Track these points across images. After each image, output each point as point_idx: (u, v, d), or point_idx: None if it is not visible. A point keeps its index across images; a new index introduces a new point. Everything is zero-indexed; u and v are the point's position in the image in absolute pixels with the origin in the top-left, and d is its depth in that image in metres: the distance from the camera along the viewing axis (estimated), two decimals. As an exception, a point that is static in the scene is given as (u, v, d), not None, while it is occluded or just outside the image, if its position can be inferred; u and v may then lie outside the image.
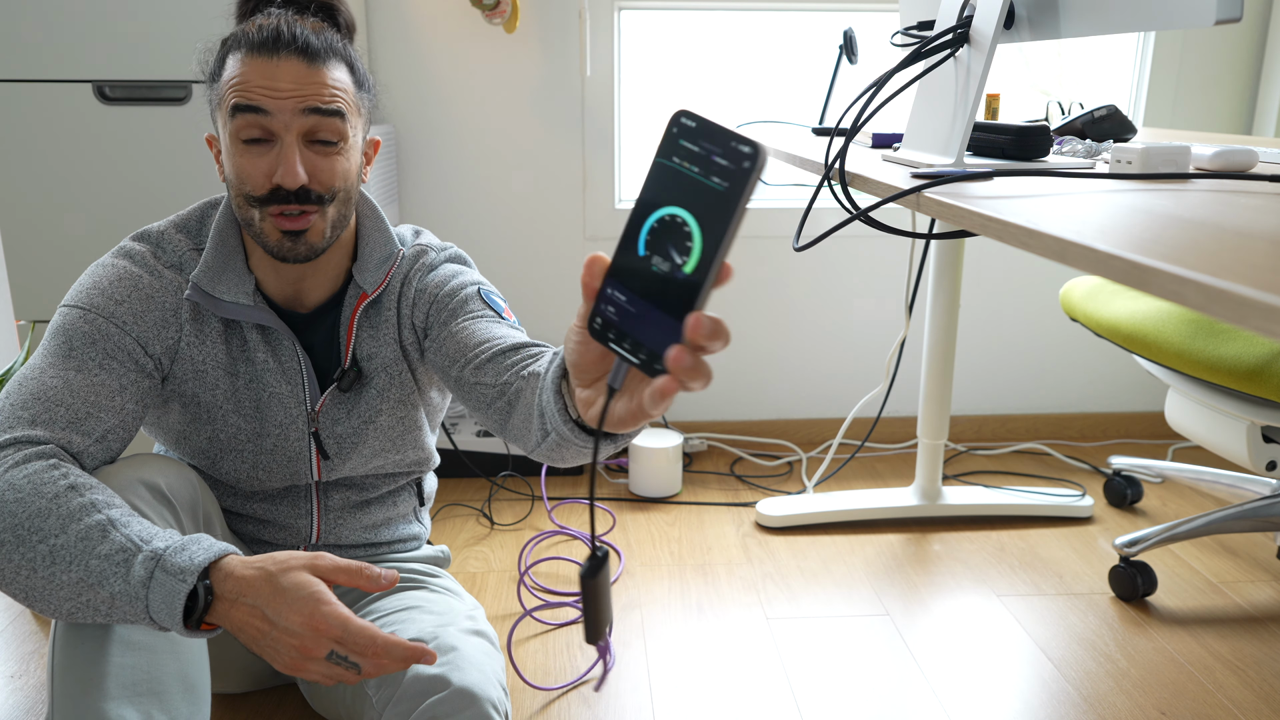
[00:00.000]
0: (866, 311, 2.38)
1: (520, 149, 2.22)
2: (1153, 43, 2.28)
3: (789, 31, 2.28)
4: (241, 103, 1.02)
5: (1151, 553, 1.88)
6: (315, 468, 1.22)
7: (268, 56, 1.03)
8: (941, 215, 0.90)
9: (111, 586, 0.88)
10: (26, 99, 1.76)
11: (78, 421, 0.99)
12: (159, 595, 0.87)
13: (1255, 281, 0.52)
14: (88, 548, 0.88)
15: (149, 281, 1.10)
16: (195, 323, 1.12)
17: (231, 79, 1.04)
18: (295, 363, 1.16)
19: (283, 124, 1.03)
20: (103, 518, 0.90)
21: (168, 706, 0.95)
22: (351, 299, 1.19)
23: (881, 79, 1.11)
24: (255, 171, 1.04)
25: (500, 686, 1.09)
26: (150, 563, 0.87)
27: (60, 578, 0.88)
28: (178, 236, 1.14)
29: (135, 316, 1.07)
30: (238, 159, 1.05)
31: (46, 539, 0.89)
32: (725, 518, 2.05)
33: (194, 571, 0.87)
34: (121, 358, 1.05)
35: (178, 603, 0.86)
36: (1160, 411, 2.50)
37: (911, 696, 1.45)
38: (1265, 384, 1.37)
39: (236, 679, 1.33)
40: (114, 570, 0.88)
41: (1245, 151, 1.06)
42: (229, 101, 1.04)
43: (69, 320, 1.05)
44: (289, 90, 1.03)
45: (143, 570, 0.87)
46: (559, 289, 2.31)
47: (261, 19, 1.06)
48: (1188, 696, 1.45)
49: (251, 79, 1.03)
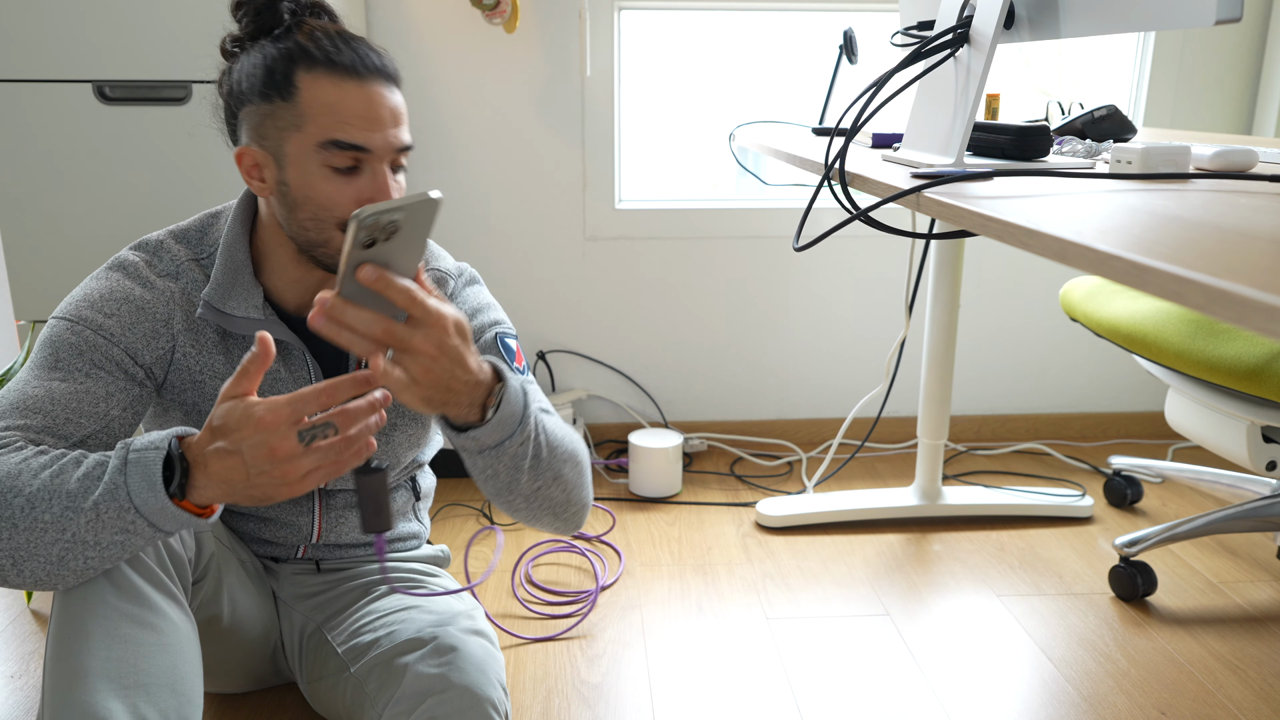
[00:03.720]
0: (866, 311, 2.38)
1: (520, 149, 2.22)
2: (1153, 43, 2.28)
3: (789, 31, 2.28)
4: (345, 140, 1.01)
5: (1151, 553, 1.88)
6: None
7: (357, 83, 1.02)
8: (941, 215, 0.90)
9: (92, 495, 0.89)
10: (26, 99, 1.76)
11: (55, 427, 0.99)
12: (136, 476, 0.88)
13: (1255, 281, 0.52)
14: (63, 481, 0.90)
15: (140, 294, 1.09)
16: (190, 333, 1.11)
17: (320, 105, 1.01)
18: (305, 372, 1.16)
19: (379, 158, 1.04)
20: (74, 454, 0.92)
21: (155, 699, 0.95)
22: None
23: (881, 79, 1.11)
24: (344, 199, 1.03)
25: (500, 686, 1.09)
26: (121, 452, 0.90)
27: (42, 518, 0.89)
28: (176, 246, 1.13)
29: (124, 328, 1.06)
30: (323, 185, 1.03)
31: (21, 491, 0.89)
32: (725, 518, 2.05)
33: (163, 440, 0.89)
34: (109, 366, 1.05)
35: (155, 471, 0.87)
36: (1160, 411, 2.50)
37: (911, 696, 1.45)
38: (1265, 384, 1.37)
39: (237, 679, 1.33)
40: (91, 482, 0.89)
41: (1245, 151, 1.06)
42: (325, 132, 1.01)
43: (56, 332, 1.05)
44: (387, 124, 1.03)
45: (117, 461, 0.89)
46: (559, 289, 2.31)
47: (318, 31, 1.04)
48: (1188, 696, 1.45)
49: (346, 110, 1.01)
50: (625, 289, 2.32)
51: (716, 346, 2.38)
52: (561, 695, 1.44)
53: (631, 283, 2.32)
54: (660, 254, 2.31)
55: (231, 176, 1.82)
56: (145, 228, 1.83)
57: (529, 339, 2.34)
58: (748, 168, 2.33)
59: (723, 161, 2.36)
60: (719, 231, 2.30)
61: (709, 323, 2.36)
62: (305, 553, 1.29)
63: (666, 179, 2.36)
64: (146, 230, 1.83)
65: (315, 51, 1.01)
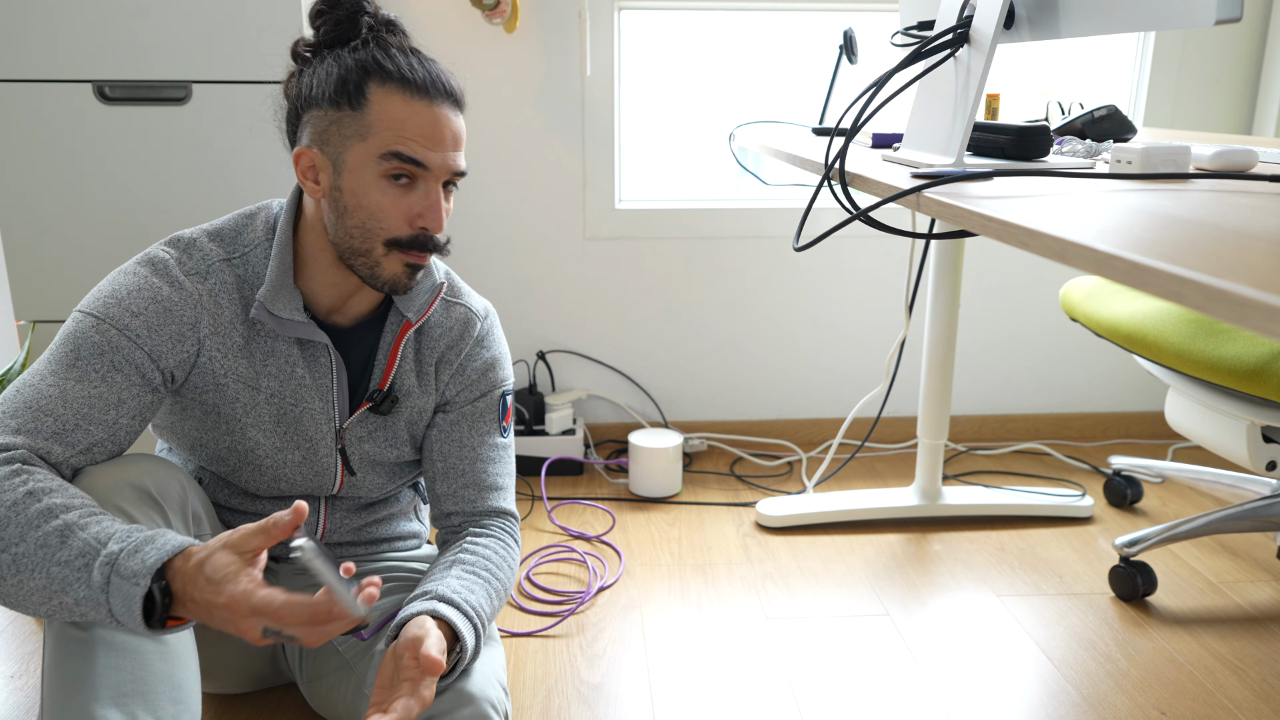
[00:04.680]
0: (866, 311, 2.38)
1: (520, 149, 2.22)
2: (1153, 43, 2.28)
3: (789, 31, 2.28)
4: (406, 154, 1.05)
5: (1151, 553, 1.88)
6: (339, 481, 1.23)
7: (427, 102, 1.06)
8: (941, 215, 0.90)
9: (76, 592, 0.88)
10: (26, 99, 1.76)
11: (63, 433, 0.99)
12: (118, 599, 0.87)
13: (1255, 281, 0.52)
14: (48, 555, 0.89)
15: (168, 294, 1.08)
16: (216, 336, 1.11)
17: (388, 118, 1.05)
18: (329, 379, 1.17)
19: (435, 176, 1.07)
20: (60, 523, 0.90)
21: (153, 708, 0.95)
22: (394, 323, 1.20)
23: (881, 79, 1.11)
24: (396, 211, 1.07)
25: (500, 686, 1.09)
26: (106, 568, 0.88)
27: (27, 584, 0.89)
28: (209, 244, 1.13)
29: (150, 330, 1.06)
30: (376, 195, 1.06)
31: (9, 548, 0.89)
32: (725, 518, 2.05)
33: (146, 574, 0.87)
34: (128, 370, 1.04)
35: (135, 606, 0.87)
36: (1160, 411, 2.50)
37: (911, 696, 1.45)
38: (1265, 384, 1.37)
39: (236, 679, 1.33)
40: (75, 576, 0.88)
41: (1245, 151, 1.06)
42: (388, 144, 1.04)
43: (81, 328, 1.04)
44: (448, 145, 1.07)
45: (100, 575, 0.88)
46: (559, 289, 2.31)
47: (394, 47, 1.07)
48: (1188, 696, 1.45)
49: (412, 126, 1.05)
50: (625, 289, 2.32)
51: (716, 346, 2.38)
52: (561, 695, 1.44)
53: (631, 283, 2.32)
54: (660, 254, 2.31)
55: (233, 176, 1.82)
56: (145, 228, 1.83)
57: (529, 339, 2.34)
58: (748, 168, 2.33)
59: (723, 161, 2.36)
60: (719, 231, 2.30)
61: (709, 323, 2.36)
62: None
63: (666, 179, 2.36)
64: (146, 230, 1.83)
65: (391, 66, 1.05)
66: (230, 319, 1.11)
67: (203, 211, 1.83)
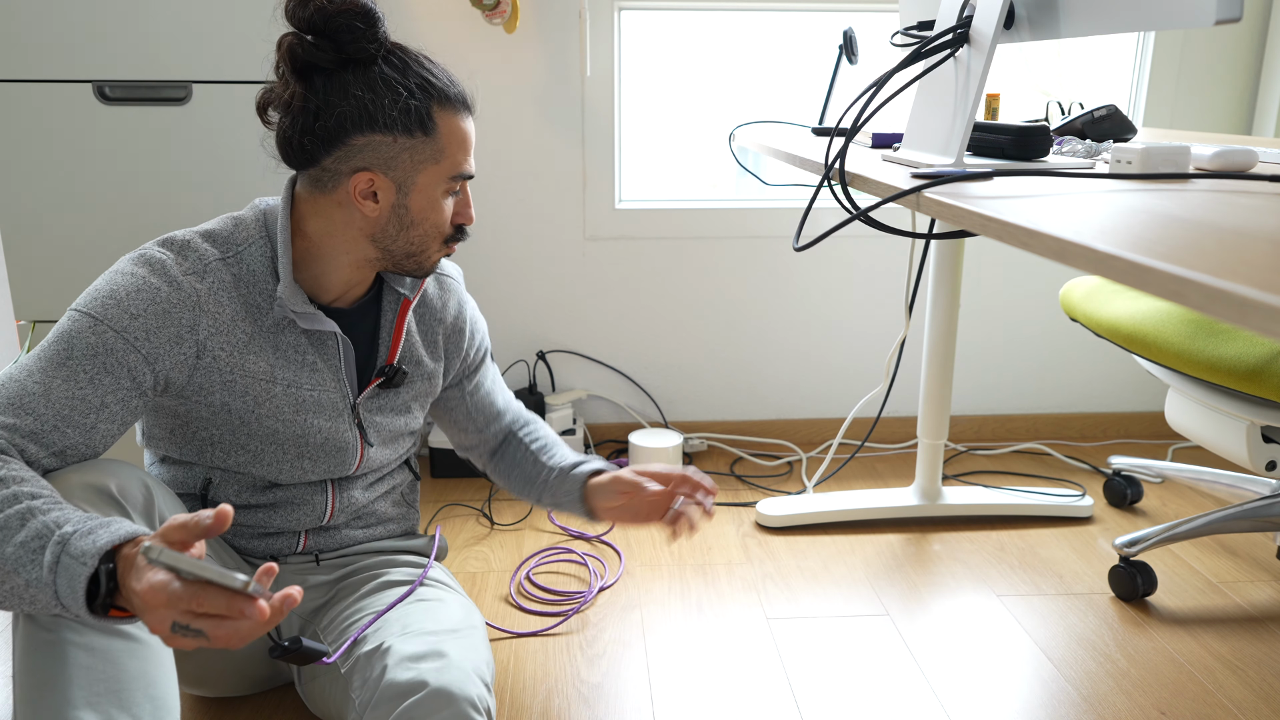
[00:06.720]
0: (866, 311, 2.38)
1: (520, 149, 2.22)
2: (1153, 43, 2.28)
3: (789, 31, 2.28)
4: (465, 173, 1.16)
5: (1151, 553, 1.88)
6: (360, 457, 1.26)
7: (467, 115, 1.15)
8: (941, 215, 0.90)
9: (27, 573, 0.87)
10: (26, 99, 1.76)
11: (40, 434, 0.99)
12: (64, 580, 0.85)
13: (1255, 281, 0.52)
14: (6, 536, 0.88)
15: (167, 294, 1.07)
16: (219, 335, 1.11)
17: (454, 140, 1.13)
18: (337, 360, 1.21)
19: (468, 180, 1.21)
20: (23, 507, 0.89)
21: (129, 707, 0.94)
22: (391, 301, 1.26)
23: (881, 79, 1.11)
24: (447, 217, 1.18)
25: (483, 683, 1.08)
26: (57, 547, 0.86)
27: None
28: (205, 245, 1.13)
29: (148, 332, 1.05)
30: (442, 209, 1.16)
31: None
32: (725, 518, 2.05)
33: (95, 555, 0.85)
34: (119, 373, 1.04)
35: (79, 586, 0.85)
36: (1160, 411, 2.50)
37: (911, 696, 1.45)
38: (1265, 384, 1.37)
39: (233, 683, 1.33)
40: (30, 557, 0.87)
41: (1245, 151, 1.06)
42: (457, 167, 1.14)
43: (77, 327, 1.03)
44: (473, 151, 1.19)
45: (50, 556, 0.86)
46: (559, 289, 2.31)
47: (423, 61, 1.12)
48: (1188, 696, 1.45)
49: (465, 142, 1.15)
50: (625, 289, 2.32)
51: (716, 346, 2.38)
52: (561, 695, 1.44)
53: (631, 283, 2.32)
54: (660, 254, 2.31)
55: (233, 176, 1.82)
56: (145, 228, 1.83)
57: (529, 339, 2.34)
58: (748, 168, 2.33)
59: (723, 161, 2.36)
60: (719, 231, 2.30)
61: (709, 323, 2.36)
62: (306, 543, 1.29)
63: (666, 179, 2.36)
64: (146, 230, 1.83)
65: (440, 86, 1.12)
66: (232, 316, 1.11)
67: (203, 211, 1.83)
